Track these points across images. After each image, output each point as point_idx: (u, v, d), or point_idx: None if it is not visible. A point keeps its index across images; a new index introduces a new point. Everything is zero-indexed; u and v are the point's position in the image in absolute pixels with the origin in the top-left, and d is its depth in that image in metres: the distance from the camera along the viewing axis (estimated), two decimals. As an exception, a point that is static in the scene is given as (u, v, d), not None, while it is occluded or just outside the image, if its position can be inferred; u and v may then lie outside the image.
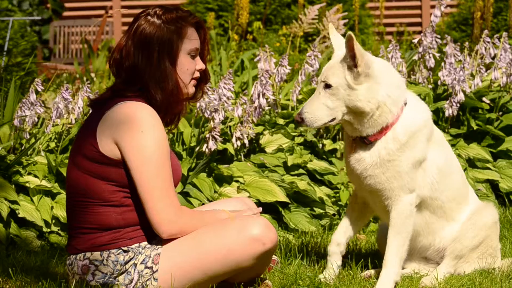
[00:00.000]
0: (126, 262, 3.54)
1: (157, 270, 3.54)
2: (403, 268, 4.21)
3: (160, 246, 3.56)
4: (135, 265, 3.55)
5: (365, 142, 3.89)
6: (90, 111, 3.73)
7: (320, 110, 3.81)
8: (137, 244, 3.56)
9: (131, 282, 3.54)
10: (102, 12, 14.48)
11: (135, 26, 3.60)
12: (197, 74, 3.67)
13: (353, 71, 3.75)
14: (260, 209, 3.81)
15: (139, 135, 3.47)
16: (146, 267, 3.54)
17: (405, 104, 3.87)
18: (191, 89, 3.66)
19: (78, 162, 3.58)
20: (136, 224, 3.58)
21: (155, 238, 3.60)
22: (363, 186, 3.98)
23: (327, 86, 3.80)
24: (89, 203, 3.56)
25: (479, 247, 4.10)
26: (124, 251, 3.55)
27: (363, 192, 4.06)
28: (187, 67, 3.62)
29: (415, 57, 6.45)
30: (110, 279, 3.55)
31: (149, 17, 3.59)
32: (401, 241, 3.92)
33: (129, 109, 3.52)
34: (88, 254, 3.57)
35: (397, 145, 3.85)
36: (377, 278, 4.03)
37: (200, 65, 3.66)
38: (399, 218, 3.92)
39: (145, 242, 3.58)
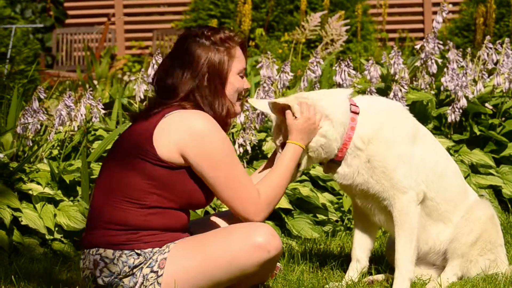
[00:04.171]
0: (136, 266, 3.55)
1: (162, 275, 3.54)
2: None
3: (167, 251, 3.56)
4: (142, 268, 3.56)
5: (336, 162, 3.96)
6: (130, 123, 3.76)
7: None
8: (150, 249, 3.57)
9: (135, 284, 3.55)
10: (104, 19, 14.50)
11: (185, 47, 3.63)
12: (242, 93, 3.72)
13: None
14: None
15: (204, 143, 3.53)
16: (152, 271, 3.55)
17: (357, 113, 3.92)
18: (238, 108, 3.72)
19: (125, 160, 3.58)
20: (155, 229, 3.58)
21: (167, 245, 3.59)
22: (360, 195, 4.03)
23: None
24: (118, 198, 3.56)
25: (477, 242, 4.07)
26: (137, 254, 3.56)
27: (362, 202, 4.07)
28: (237, 87, 3.68)
29: (418, 63, 6.44)
30: (116, 280, 3.56)
31: (197, 39, 3.63)
32: (408, 239, 3.94)
33: (189, 118, 3.56)
34: (101, 250, 3.58)
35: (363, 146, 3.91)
36: (380, 284, 4.02)
37: (247, 84, 3.73)
38: (400, 216, 3.94)
39: (159, 248, 3.58)
